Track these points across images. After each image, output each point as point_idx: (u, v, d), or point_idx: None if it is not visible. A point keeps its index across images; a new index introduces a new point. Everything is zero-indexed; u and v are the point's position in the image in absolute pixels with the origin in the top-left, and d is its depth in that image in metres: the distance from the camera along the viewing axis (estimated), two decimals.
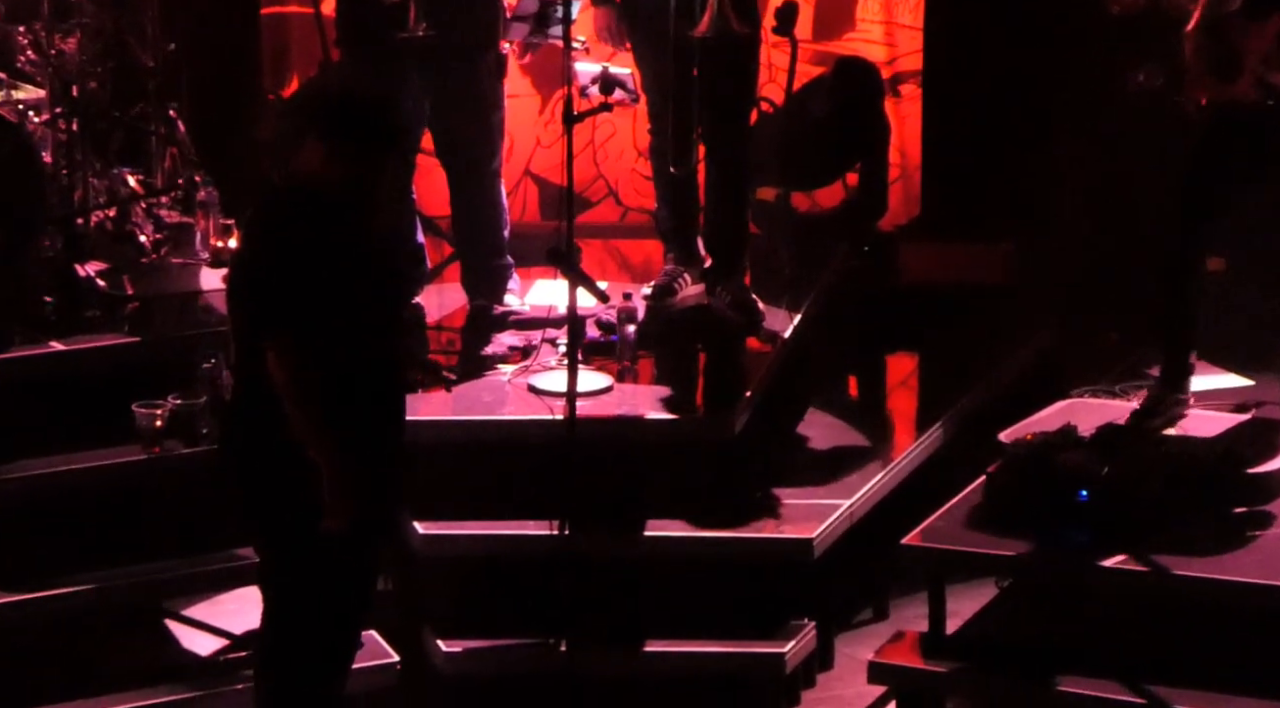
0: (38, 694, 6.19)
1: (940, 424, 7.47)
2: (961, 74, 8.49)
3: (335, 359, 5.43)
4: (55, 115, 7.20)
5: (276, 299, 5.40)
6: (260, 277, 5.45)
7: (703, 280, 7.63)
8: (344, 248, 5.45)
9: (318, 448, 5.40)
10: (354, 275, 5.46)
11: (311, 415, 5.39)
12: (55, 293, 6.94)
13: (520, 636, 6.55)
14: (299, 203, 5.47)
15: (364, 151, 5.46)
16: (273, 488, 5.54)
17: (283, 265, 5.41)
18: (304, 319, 5.38)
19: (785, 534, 6.77)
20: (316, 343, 5.39)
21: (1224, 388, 7.42)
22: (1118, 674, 6.22)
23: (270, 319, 5.40)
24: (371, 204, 5.58)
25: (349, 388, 5.46)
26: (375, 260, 5.57)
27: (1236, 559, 6.33)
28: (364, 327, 5.49)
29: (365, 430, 5.50)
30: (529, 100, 8.64)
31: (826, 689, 6.84)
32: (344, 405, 5.44)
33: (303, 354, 5.38)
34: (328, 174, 5.44)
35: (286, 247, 5.42)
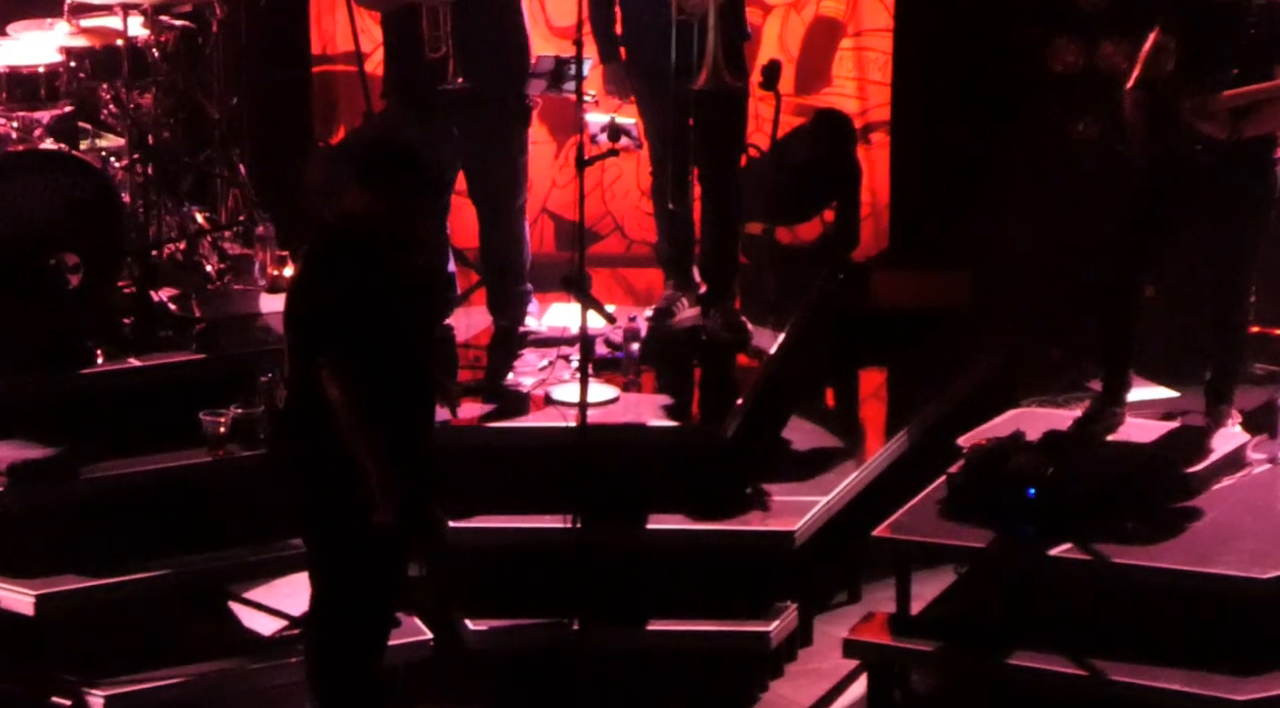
0: (121, 665, 6.20)
1: (906, 430, 7.45)
2: (925, 124, 8.47)
3: (376, 376, 5.44)
4: (133, 161, 7.19)
5: (327, 325, 5.42)
6: (314, 305, 5.47)
7: (698, 304, 7.61)
8: (385, 280, 5.46)
9: (363, 454, 5.42)
10: (393, 305, 5.47)
11: (358, 426, 5.41)
12: (133, 316, 6.95)
13: (538, 616, 6.53)
14: (347, 241, 5.49)
15: (398, 195, 5.48)
16: (319, 485, 5.56)
17: (332, 296, 5.43)
18: (350, 343, 5.40)
19: (770, 527, 6.75)
20: (360, 363, 5.41)
21: (1154, 399, 7.41)
22: (1063, 651, 6.20)
23: (322, 342, 5.42)
24: (411, 241, 5.61)
25: (388, 401, 5.48)
26: (413, 291, 5.59)
27: (1168, 549, 6.32)
28: (401, 349, 5.50)
29: (401, 438, 5.52)
30: (545, 147, 8.63)
31: (806, 663, 6.83)
32: (383, 416, 5.46)
33: (349, 372, 5.40)
34: (371, 215, 5.47)
35: (335, 280, 5.44)
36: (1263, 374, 7.56)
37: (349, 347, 5.40)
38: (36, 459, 6.40)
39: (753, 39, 7.90)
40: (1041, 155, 8.31)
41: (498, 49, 7.36)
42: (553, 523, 6.44)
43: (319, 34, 8.59)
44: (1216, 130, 6.56)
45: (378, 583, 5.65)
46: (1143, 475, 6.61)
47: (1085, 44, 8.17)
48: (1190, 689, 6.00)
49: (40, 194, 6.69)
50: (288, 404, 5.71)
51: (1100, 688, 6.11)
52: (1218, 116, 6.53)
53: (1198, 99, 6.56)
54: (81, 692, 6.11)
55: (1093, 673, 6.12)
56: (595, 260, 8.01)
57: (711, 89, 7.17)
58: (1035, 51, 8.22)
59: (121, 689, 6.11)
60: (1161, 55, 6.66)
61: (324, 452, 5.47)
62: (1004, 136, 8.35)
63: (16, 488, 6.33)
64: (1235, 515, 6.51)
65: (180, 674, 6.20)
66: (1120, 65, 7.09)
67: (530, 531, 6.66)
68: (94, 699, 6.10)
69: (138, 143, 7.17)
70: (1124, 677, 6.09)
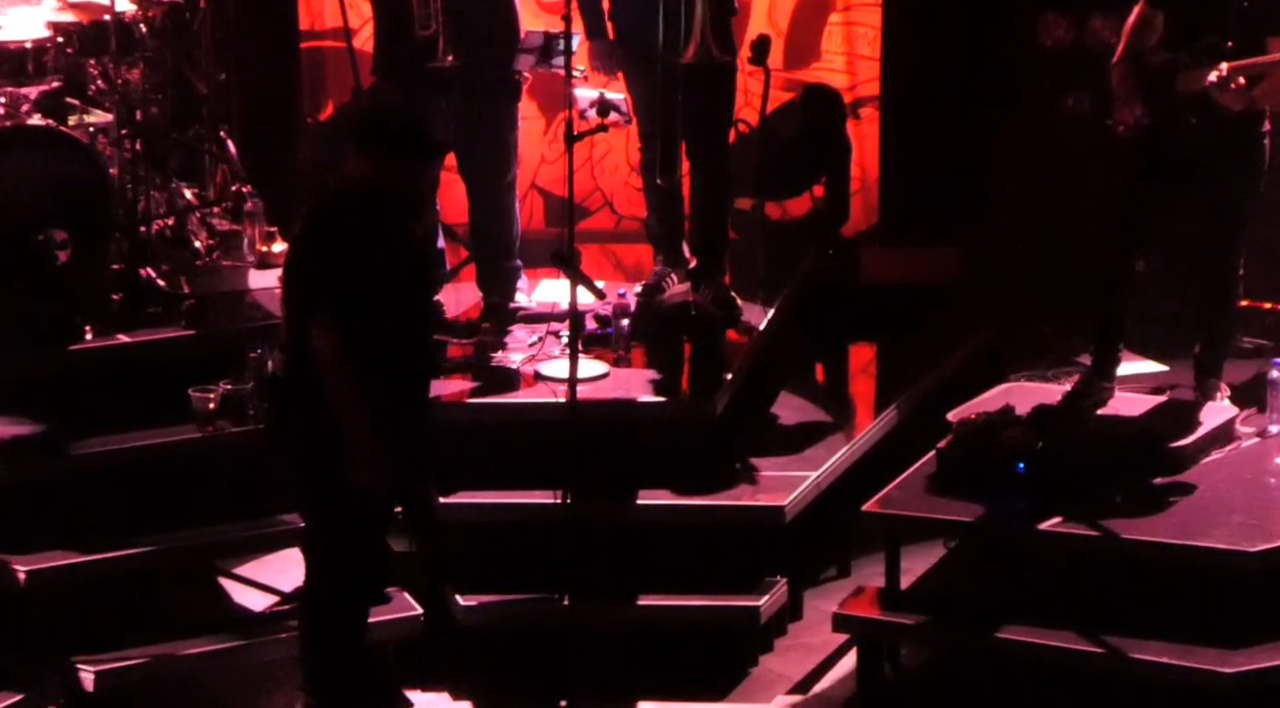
0: (112, 640, 6.20)
1: (896, 405, 7.45)
2: (914, 99, 8.47)
3: (371, 341, 5.44)
4: (121, 137, 7.18)
5: (325, 284, 5.44)
6: (313, 265, 5.49)
7: (688, 280, 7.60)
8: (384, 242, 5.48)
9: (348, 416, 5.41)
10: (392, 266, 5.48)
11: (347, 387, 5.41)
12: (121, 292, 6.94)
13: (528, 591, 6.54)
14: (347, 204, 5.51)
15: (400, 161, 5.50)
16: (313, 454, 5.56)
17: (331, 256, 5.45)
18: (347, 305, 5.41)
19: (760, 502, 6.76)
20: (356, 326, 5.41)
21: (1143, 373, 7.42)
22: (1053, 624, 6.22)
23: (318, 300, 5.43)
24: (413, 208, 5.62)
25: (381, 367, 5.48)
26: (413, 260, 5.60)
27: (1156, 522, 6.33)
28: (398, 316, 5.51)
29: (392, 405, 5.51)
30: (534, 122, 8.63)
31: (796, 638, 6.85)
32: (375, 382, 5.45)
33: (345, 331, 5.40)
34: (373, 181, 5.48)
35: (335, 240, 5.46)
36: (1251, 348, 7.58)
37: (346, 308, 5.41)
38: (25, 436, 6.39)
39: (741, 14, 7.89)
40: (1031, 130, 8.31)
41: (487, 25, 7.35)
42: (542, 499, 6.42)
43: (307, 10, 8.57)
44: (1234, 102, 6.54)
45: (370, 557, 5.65)
46: (1132, 449, 6.61)
47: (1075, 19, 8.18)
48: (1179, 662, 6.02)
49: (28, 170, 6.67)
50: (284, 371, 5.69)
51: (1089, 661, 6.13)
52: (1235, 89, 6.49)
53: (1193, 72, 6.56)
54: (72, 667, 6.11)
55: (1082, 647, 6.13)
56: (584, 236, 8.02)
57: (699, 64, 7.17)
58: (1025, 26, 8.22)
59: (111, 665, 6.12)
60: (1146, 29, 6.66)
61: (319, 420, 5.47)
62: (994, 112, 8.35)
63: (6, 464, 6.33)
64: (1224, 489, 6.52)
65: (170, 650, 6.20)
66: (1110, 40, 7.08)
67: (520, 506, 6.66)
68: (84, 674, 6.10)
69: (126, 119, 7.16)
70: (1113, 650, 6.10)
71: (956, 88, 8.37)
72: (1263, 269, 7.33)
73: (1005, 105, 8.35)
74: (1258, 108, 6.57)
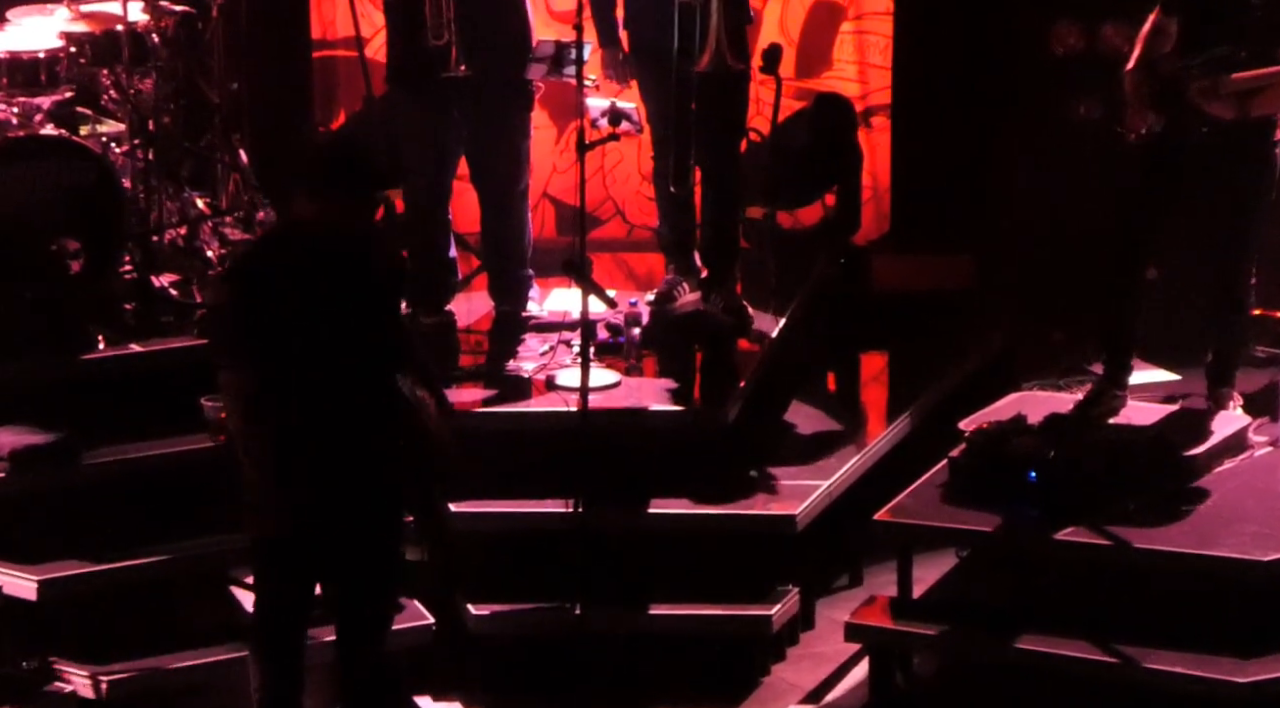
0: (124, 650, 6.20)
1: (908, 414, 7.45)
2: (926, 107, 8.48)
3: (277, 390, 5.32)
4: (134, 146, 7.20)
5: (220, 328, 5.44)
6: (213, 305, 5.51)
7: (699, 288, 7.61)
8: (312, 292, 5.31)
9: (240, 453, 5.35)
10: (316, 317, 5.32)
11: (237, 432, 5.37)
12: (134, 301, 6.96)
13: (540, 600, 6.54)
14: (279, 247, 5.44)
15: (341, 199, 5.36)
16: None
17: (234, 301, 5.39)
18: (235, 340, 5.35)
19: (772, 511, 6.76)
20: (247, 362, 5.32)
21: (1155, 381, 7.41)
22: (1065, 634, 6.21)
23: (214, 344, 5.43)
24: (363, 244, 5.44)
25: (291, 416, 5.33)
26: (356, 305, 5.36)
27: (1168, 531, 6.31)
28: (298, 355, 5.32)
29: (287, 451, 5.37)
30: (546, 132, 8.63)
31: (808, 647, 6.84)
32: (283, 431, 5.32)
33: (235, 379, 5.34)
34: (318, 221, 5.38)
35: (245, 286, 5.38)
36: (1264, 357, 7.57)
37: (244, 351, 5.32)
38: (38, 445, 6.40)
39: (754, 22, 7.89)
40: (1043, 138, 8.31)
41: (499, 35, 7.36)
42: (554, 507, 6.44)
43: (319, 19, 8.59)
44: (1224, 111, 6.56)
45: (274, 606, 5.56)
46: (1144, 458, 6.60)
47: (1086, 26, 8.18)
48: (1192, 671, 6.01)
49: (41, 180, 6.70)
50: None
51: (1102, 671, 6.11)
52: (1227, 98, 6.52)
53: (1206, 82, 6.56)
54: (85, 675, 6.11)
55: (1094, 656, 6.12)
56: (596, 245, 8.03)
57: (714, 71, 7.18)
58: (1037, 34, 8.22)
59: (124, 674, 6.12)
60: (1160, 36, 6.66)
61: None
62: (1005, 120, 8.35)
63: (19, 473, 6.34)
64: (1237, 498, 6.51)
65: (183, 659, 6.20)
66: (1121, 47, 7.08)
67: (532, 515, 6.66)
68: (98, 683, 6.10)
69: (138, 128, 7.18)
70: (1127, 660, 6.09)
71: (968, 96, 8.37)
72: (1274, 278, 7.31)
73: (1016, 113, 8.34)
74: (1250, 117, 6.57)
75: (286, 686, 5.58)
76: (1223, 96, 6.56)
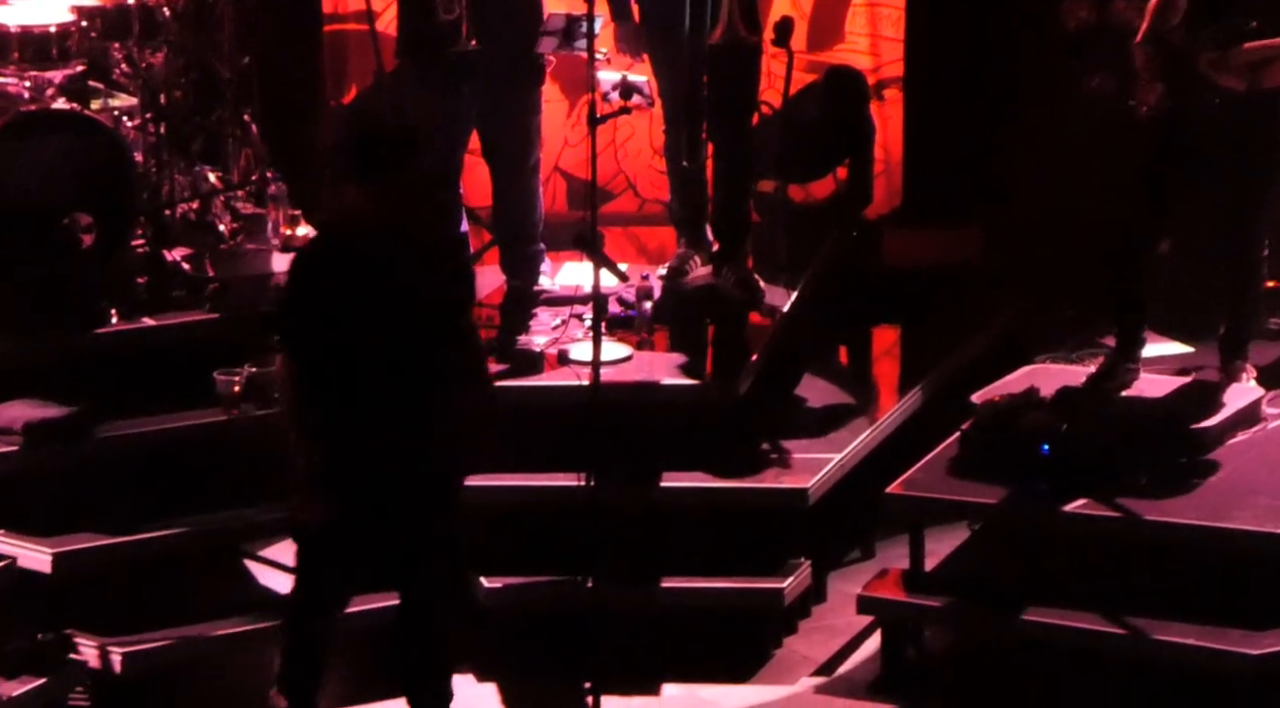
0: (138, 623, 6.23)
1: (919, 388, 7.47)
2: (938, 80, 8.46)
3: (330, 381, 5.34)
4: (145, 120, 7.22)
5: (283, 317, 5.46)
6: (283, 293, 5.50)
7: (711, 263, 7.62)
8: (371, 286, 5.35)
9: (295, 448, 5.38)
10: (351, 299, 5.36)
11: (291, 422, 5.38)
12: (146, 276, 6.97)
13: (552, 574, 6.57)
14: (339, 238, 5.45)
15: (386, 183, 5.37)
16: None
17: (298, 291, 5.44)
18: (295, 331, 5.38)
19: (784, 484, 6.77)
20: (307, 353, 5.35)
21: (1168, 354, 7.42)
22: (1077, 607, 6.23)
23: (277, 332, 5.44)
24: (417, 237, 5.48)
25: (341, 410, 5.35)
26: (411, 298, 5.41)
27: (1181, 504, 6.33)
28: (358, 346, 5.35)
29: (357, 451, 5.39)
30: (557, 105, 8.63)
31: (820, 620, 6.86)
32: (331, 424, 5.35)
33: (294, 360, 5.36)
34: (363, 208, 5.40)
35: (308, 277, 5.44)
36: (1276, 329, 7.57)
37: (304, 342, 5.35)
38: (52, 418, 6.42)
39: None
40: (1055, 112, 8.30)
41: (510, 9, 7.36)
42: (566, 481, 6.44)
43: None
44: (1235, 83, 6.56)
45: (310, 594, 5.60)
46: (1157, 431, 6.62)
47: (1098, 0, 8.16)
48: (1204, 644, 6.03)
49: (53, 154, 6.71)
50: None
51: (1114, 643, 6.13)
52: (1237, 70, 6.52)
53: (1217, 54, 6.56)
54: (99, 649, 6.15)
55: (1106, 628, 6.14)
56: (608, 219, 8.02)
57: (726, 44, 7.17)
58: (1048, 8, 8.21)
59: (138, 647, 6.15)
60: (1170, 9, 6.65)
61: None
62: (1018, 93, 8.34)
63: (33, 447, 6.36)
64: (1250, 471, 6.52)
65: (196, 633, 6.23)
66: (1132, 20, 7.07)
67: (544, 489, 6.68)
68: (111, 656, 6.13)
69: (149, 102, 7.19)
70: (1139, 632, 6.11)
71: (980, 69, 8.36)
72: None
73: (1029, 87, 8.33)
74: (1261, 88, 6.57)
75: (307, 668, 5.62)
76: (1233, 68, 6.56)
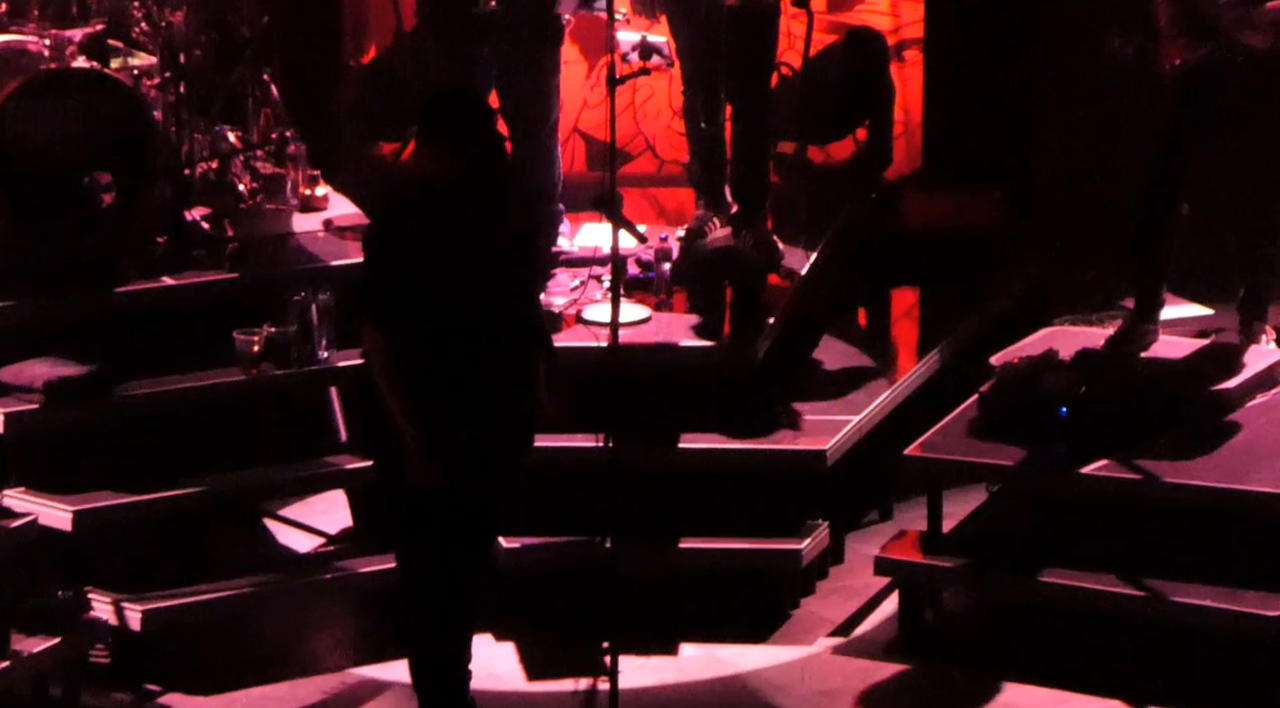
0: (157, 581, 6.27)
1: (938, 350, 7.46)
2: (959, 41, 8.43)
3: (424, 347, 5.35)
4: (165, 80, 7.20)
5: (371, 285, 5.43)
6: (366, 261, 5.46)
7: (730, 224, 7.62)
8: (453, 251, 5.37)
9: (397, 415, 5.35)
10: (457, 278, 5.37)
11: (389, 390, 5.35)
12: (166, 235, 6.99)
13: (570, 534, 6.59)
14: (419, 204, 5.43)
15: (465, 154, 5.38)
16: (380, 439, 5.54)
17: (383, 258, 5.40)
18: (393, 309, 5.35)
19: (802, 446, 6.79)
20: (407, 331, 5.33)
21: (1187, 317, 7.41)
22: (1094, 568, 6.25)
23: (364, 300, 5.42)
24: (492, 206, 5.48)
25: (437, 374, 5.37)
26: (492, 264, 5.45)
27: (1200, 466, 6.33)
28: (463, 323, 5.39)
29: (453, 410, 5.40)
30: (576, 66, 8.61)
31: (838, 580, 6.88)
32: (429, 386, 5.35)
33: (384, 336, 5.34)
34: (442, 176, 5.39)
35: (392, 242, 5.41)
36: None
37: (392, 310, 5.35)
38: (72, 377, 6.44)
39: None
40: (1076, 72, 8.27)
41: None
42: (584, 442, 6.44)
43: None
44: (1259, 40, 6.53)
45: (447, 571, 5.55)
46: (1175, 393, 6.62)
47: None
48: (1222, 605, 6.04)
49: (73, 113, 6.71)
50: None
51: (1131, 605, 6.15)
52: (1261, 27, 6.50)
53: (1241, 11, 6.53)
54: (118, 606, 6.19)
55: (1123, 590, 6.16)
56: (627, 180, 8.01)
57: (745, 5, 7.15)
58: None
59: (157, 604, 6.19)
60: None
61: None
62: (1039, 54, 8.31)
63: (53, 405, 6.39)
64: (1269, 433, 6.53)
65: (215, 590, 6.27)
66: None
67: (562, 449, 6.64)
68: (131, 614, 6.17)
69: (169, 61, 7.18)
70: (1155, 594, 6.13)
71: (1001, 30, 8.33)
72: None
73: (1050, 47, 8.31)
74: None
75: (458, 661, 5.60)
76: (1257, 26, 6.53)
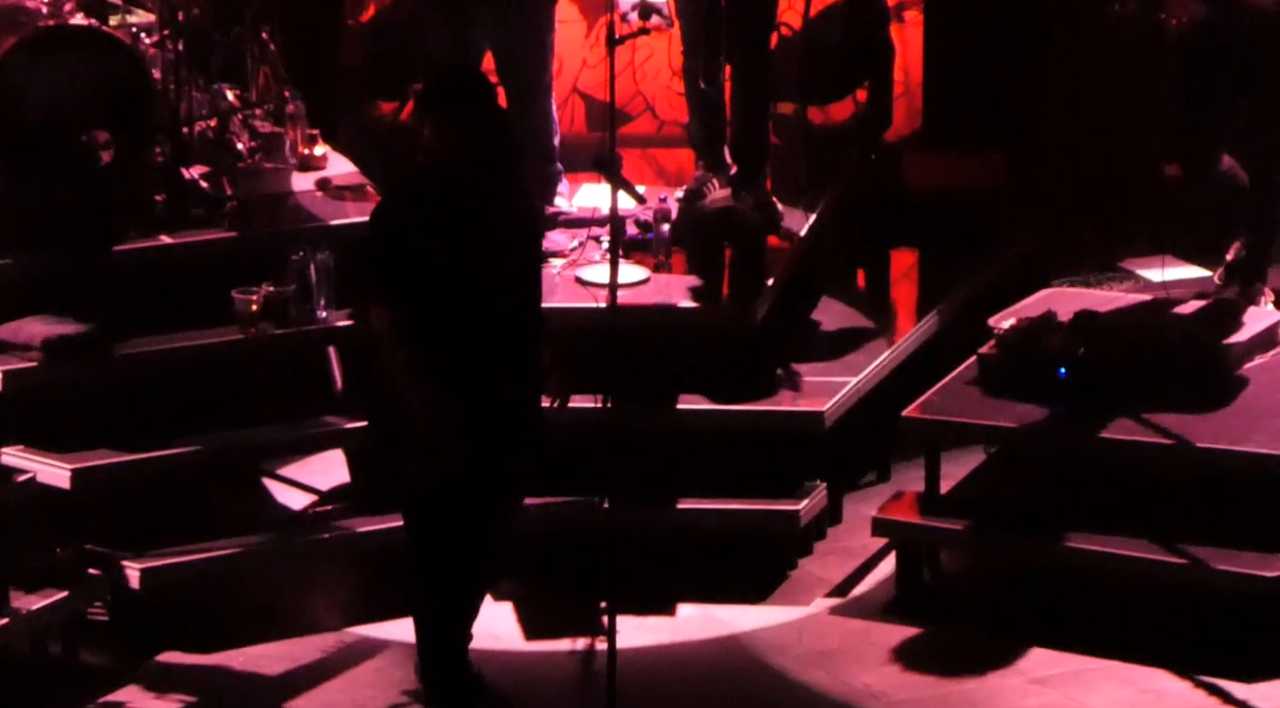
0: (155, 539, 6.28)
1: (937, 311, 7.47)
2: (959, 2, 8.43)
3: (433, 325, 5.37)
4: (163, 37, 7.19)
5: (379, 264, 5.44)
6: (372, 241, 5.49)
7: (729, 185, 7.60)
8: (463, 229, 5.39)
9: (409, 395, 5.37)
10: (467, 256, 5.40)
11: (401, 369, 5.38)
12: (164, 193, 6.97)
13: (568, 495, 6.59)
14: (429, 182, 5.44)
15: (473, 131, 5.40)
16: None
17: (391, 237, 5.44)
18: (402, 286, 5.37)
19: (800, 407, 6.79)
20: (416, 308, 5.35)
21: (1187, 278, 7.42)
22: (1090, 528, 6.26)
23: (372, 279, 5.44)
24: (502, 182, 5.49)
25: (446, 352, 5.40)
26: (500, 241, 5.48)
27: (1199, 427, 6.34)
28: (472, 300, 5.41)
29: (465, 389, 5.42)
30: (576, 25, 8.59)
31: (835, 541, 6.89)
32: (439, 365, 5.38)
33: (395, 315, 5.36)
34: (452, 154, 5.42)
35: (400, 221, 5.44)
36: None
37: (400, 290, 5.36)
38: (70, 335, 6.44)
39: None
40: (1077, 33, 8.25)
41: None
42: (582, 403, 6.44)
43: None
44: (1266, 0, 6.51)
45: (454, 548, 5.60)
46: (1174, 355, 6.62)
47: None
48: (1220, 566, 6.06)
49: (71, 70, 6.70)
50: None
51: (1127, 565, 6.16)
52: None
53: None
54: (118, 564, 6.20)
55: (1120, 550, 6.17)
56: (626, 141, 7.98)
57: None
58: None
59: (156, 562, 6.20)
60: None
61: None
62: (1039, 14, 8.29)
63: (51, 363, 6.39)
64: (1268, 393, 6.54)
65: (213, 549, 6.28)
66: None
67: None
68: (129, 572, 6.19)
69: (168, 19, 7.16)
70: (1153, 554, 6.15)
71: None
72: None
73: (1051, 8, 8.29)
74: None
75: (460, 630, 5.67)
76: None
